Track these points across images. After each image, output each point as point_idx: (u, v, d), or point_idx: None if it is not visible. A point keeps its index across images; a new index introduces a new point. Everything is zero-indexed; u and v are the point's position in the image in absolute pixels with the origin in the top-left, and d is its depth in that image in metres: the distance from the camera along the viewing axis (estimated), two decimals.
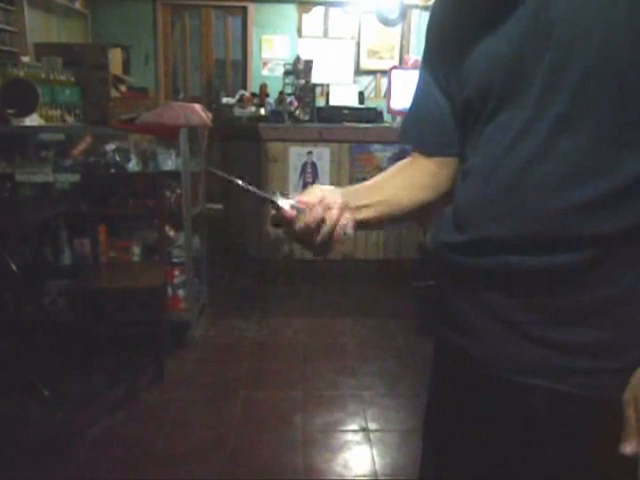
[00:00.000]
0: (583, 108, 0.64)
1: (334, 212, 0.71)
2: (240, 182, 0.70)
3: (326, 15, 6.16)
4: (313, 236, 0.71)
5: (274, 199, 0.70)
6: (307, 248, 0.74)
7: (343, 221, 0.72)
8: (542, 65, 0.65)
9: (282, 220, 0.71)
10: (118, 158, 2.71)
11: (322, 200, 0.71)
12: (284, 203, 0.70)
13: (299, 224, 0.70)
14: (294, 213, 0.69)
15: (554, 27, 0.64)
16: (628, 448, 0.62)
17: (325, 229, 0.71)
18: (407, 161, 0.89)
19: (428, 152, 0.86)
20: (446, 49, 0.79)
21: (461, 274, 0.77)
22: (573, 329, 0.68)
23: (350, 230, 0.73)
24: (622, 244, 0.65)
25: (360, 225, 0.79)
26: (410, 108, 0.88)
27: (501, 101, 0.70)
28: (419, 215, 0.85)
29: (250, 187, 0.70)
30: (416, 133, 0.87)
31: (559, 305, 0.68)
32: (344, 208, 0.73)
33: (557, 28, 0.64)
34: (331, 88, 4.47)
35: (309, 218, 0.70)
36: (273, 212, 0.71)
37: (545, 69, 0.65)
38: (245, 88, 5.89)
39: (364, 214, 0.80)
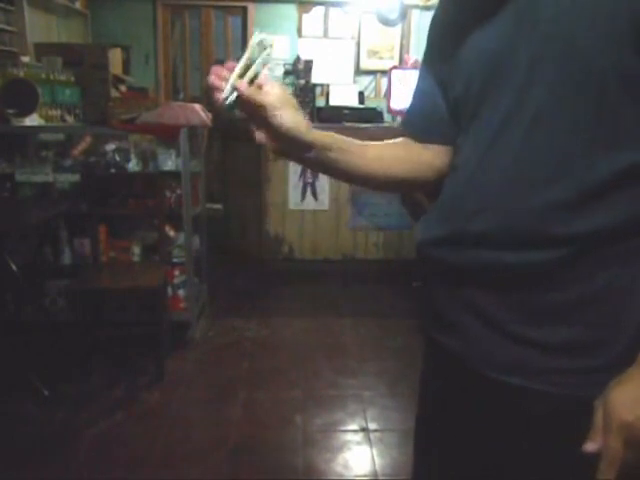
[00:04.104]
0: (560, 106, 0.65)
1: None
2: None
3: (326, 15, 6.15)
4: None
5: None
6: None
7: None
8: (523, 61, 0.66)
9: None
10: (118, 158, 2.71)
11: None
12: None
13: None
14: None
15: (539, 25, 0.65)
16: (590, 447, 0.63)
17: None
18: (396, 140, 0.91)
19: (415, 137, 0.87)
20: (444, 46, 0.80)
21: (442, 270, 0.78)
22: (551, 327, 0.68)
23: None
24: (597, 244, 0.65)
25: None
26: (410, 102, 0.91)
27: (483, 97, 0.71)
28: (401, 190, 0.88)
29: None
30: (410, 120, 0.90)
31: (536, 303, 0.69)
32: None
33: (542, 26, 0.65)
34: (331, 88, 4.46)
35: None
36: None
37: (525, 65, 0.66)
38: None
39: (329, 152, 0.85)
